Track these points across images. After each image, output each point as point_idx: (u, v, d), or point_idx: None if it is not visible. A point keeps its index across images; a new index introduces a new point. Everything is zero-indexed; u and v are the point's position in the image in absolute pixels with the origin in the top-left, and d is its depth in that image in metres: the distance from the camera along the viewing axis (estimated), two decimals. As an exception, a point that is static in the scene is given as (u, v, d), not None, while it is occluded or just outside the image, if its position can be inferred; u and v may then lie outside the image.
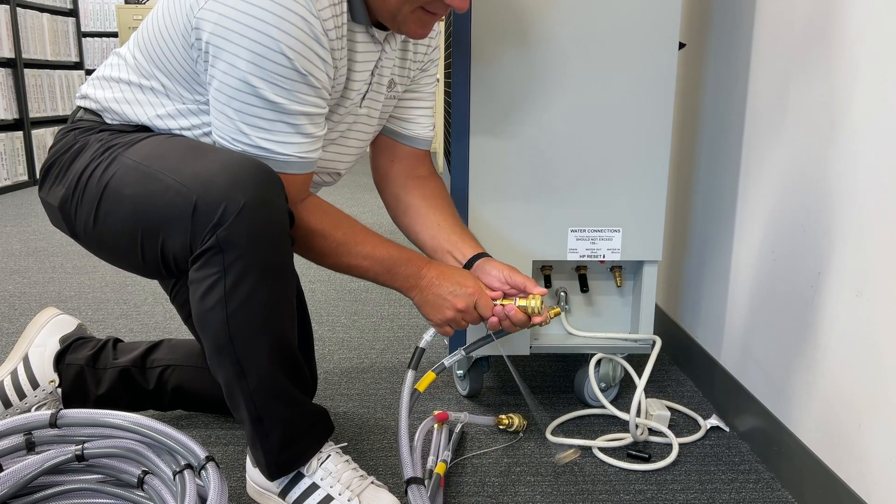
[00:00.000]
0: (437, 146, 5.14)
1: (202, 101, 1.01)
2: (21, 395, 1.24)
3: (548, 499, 1.14)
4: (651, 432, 1.33)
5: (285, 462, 1.04)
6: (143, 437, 0.98)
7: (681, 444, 1.30)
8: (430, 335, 1.13)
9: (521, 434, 1.33)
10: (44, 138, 4.61)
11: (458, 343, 1.36)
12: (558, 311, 1.17)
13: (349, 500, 1.03)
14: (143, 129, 1.07)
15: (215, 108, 0.96)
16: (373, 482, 1.07)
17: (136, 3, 5.23)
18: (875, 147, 0.97)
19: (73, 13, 5.06)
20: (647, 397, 1.41)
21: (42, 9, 4.64)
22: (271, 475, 1.05)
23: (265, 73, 0.92)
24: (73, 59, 5.04)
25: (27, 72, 4.41)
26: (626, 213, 1.30)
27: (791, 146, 1.18)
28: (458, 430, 1.31)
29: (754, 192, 1.31)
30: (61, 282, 2.35)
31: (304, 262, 1.29)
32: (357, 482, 1.06)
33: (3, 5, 4.17)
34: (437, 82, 1.27)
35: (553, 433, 1.33)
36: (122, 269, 1.11)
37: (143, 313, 2.02)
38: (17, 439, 0.98)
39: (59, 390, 1.26)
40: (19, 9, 4.33)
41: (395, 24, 1.03)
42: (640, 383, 1.26)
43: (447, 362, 1.13)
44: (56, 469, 0.98)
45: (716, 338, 1.48)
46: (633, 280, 1.38)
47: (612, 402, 1.37)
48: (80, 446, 0.97)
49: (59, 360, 1.26)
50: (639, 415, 1.27)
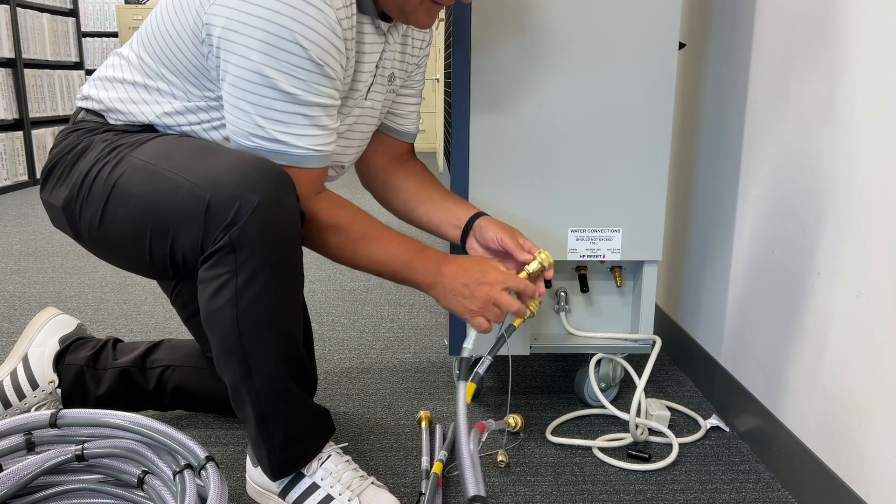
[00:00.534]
0: (438, 146, 5.14)
1: (211, 97, 1.01)
2: (20, 395, 1.24)
3: (548, 499, 1.14)
4: (651, 432, 1.33)
5: (288, 462, 1.04)
6: (143, 437, 0.98)
7: (681, 444, 1.30)
8: (470, 343, 1.10)
9: (521, 434, 1.33)
10: (44, 138, 4.61)
11: (457, 344, 1.36)
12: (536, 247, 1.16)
13: (349, 500, 1.03)
14: (149, 128, 1.06)
15: (230, 104, 0.96)
16: (373, 483, 1.07)
17: (136, 3, 5.23)
18: (875, 147, 0.97)
19: (73, 13, 5.06)
20: (647, 397, 1.41)
21: (42, 9, 4.64)
22: (274, 475, 1.05)
23: (281, 64, 0.91)
24: (73, 59, 5.04)
25: (27, 72, 4.41)
26: (626, 213, 1.30)
27: (791, 146, 1.18)
28: (452, 429, 1.31)
29: (754, 192, 1.31)
30: (61, 282, 2.35)
31: (304, 261, 1.28)
32: (357, 482, 1.06)
33: (3, 5, 4.17)
34: (437, 81, 1.27)
35: (553, 433, 1.33)
36: (122, 270, 1.10)
37: (143, 313, 2.02)
38: (17, 439, 0.98)
39: (59, 391, 1.26)
40: (19, 9, 4.33)
41: (403, 15, 1.02)
42: (640, 383, 1.26)
43: (480, 370, 1.11)
44: (56, 469, 0.98)
45: (716, 338, 1.48)
46: (633, 280, 1.38)
47: (612, 402, 1.37)
48: (80, 446, 0.97)
49: (59, 361, 1.26)
50: (639, 415, 1.27)
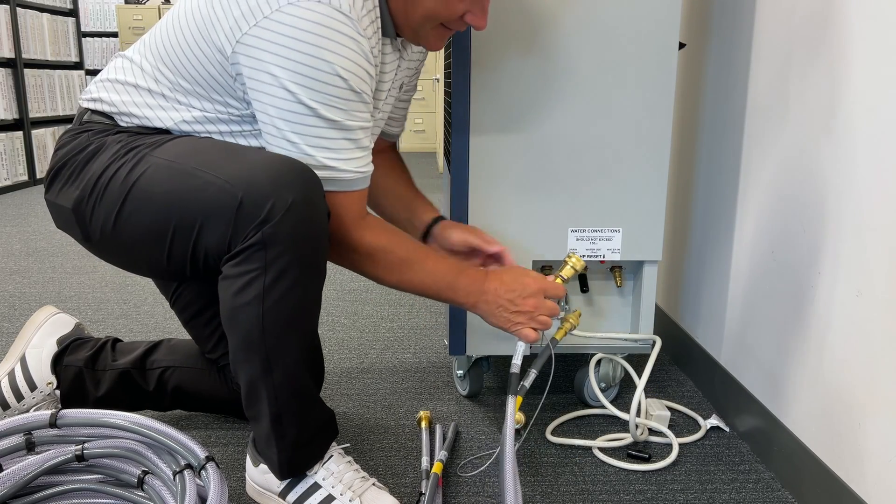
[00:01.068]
0: (438, 146, 5.13)
1: (235, 113, 1.02)
2: (19, 397, 1.24)
3: (548, 499, 1.14)
4: (651, 432, 1.33)
5: (297, 462, 1.04)
6: (143, 437, 0.98)
7: (681, 444, 1.30)
8: (519, 358, 1.11)
9: (522, 433, 1.33)
10: (44, 138, 4.61)
11: (457, 344, 1.36)
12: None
13: (351, 501, 1.03)
14: (164, 132, 1.06)
15: (274, 136, 0.96)
16: (374, 484, 1.07)
17: (136, 3, 5.23)
18: (875, 147, 0.97)
19: (73, 13, 5.06)
20: (647, 397, 1.41)
21: (42, 9, 4.64)
22: (283, 475, 1.05)
23: (322, 97, 0.93)
24: (73, 59, 5.04)
25: (27, 72, 4.41)
26: (626, 213, 1.30)
27: (791, 146, 1.18)
28: (452, 428, 1.32)
29: (754, 192, 1.31)
30: (61, 282, 2.35)
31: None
32: (359, 483, 1.06)
33: (3, 5, 4.17)
34: (437, 82, 1.28)
35: (553, 433, 1.33)
36: (123, 270, 1.10)
37: (143, 313, 2.02)
38: (17, 439, 0.98)
39: (58, 392, 1.26)
40: (19, 9, 4.33)
41: (416, 38, 1.06)
42: (640, 383, 1.26)
43: (527, 383, 1.11)
44: (56, 469, 0.98)
45: (716, 338, 1.48)
46: (633, 280, 1.38)
47: (612, 402, 1.37)
48: (80, 446, 0.97)
49: (58, 362, 1.26)
50: (639, 415, 1.27)
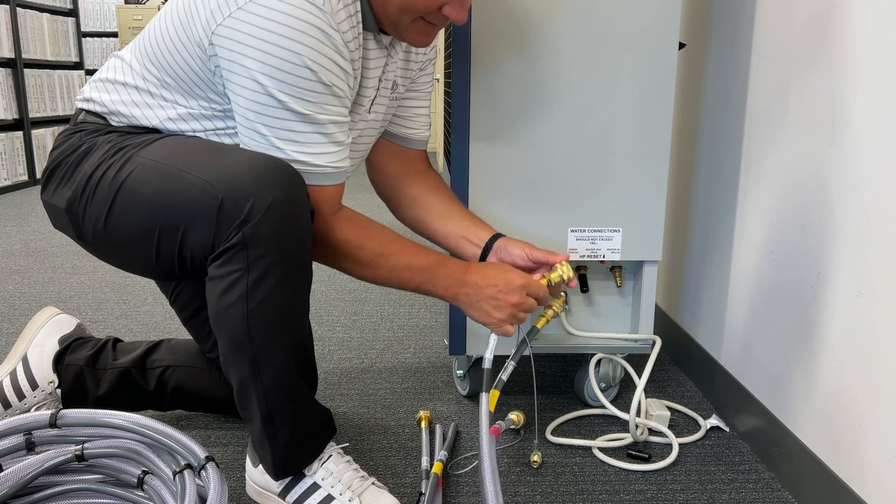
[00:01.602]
0: (437, 146, 5.13)
1: (217, 108, 1.02)
2: (20, 395, 1.24)
3: (548, 499, 1.14)
4: (651, 432, 1.33)
5: (292, 462, 1.04)
6: (143, 437, 0.98)
7: (681, 444, 1.30)
8: (491, 353, 1.11)
9: (521, 434, 1.33)
10: (44, 138, 4.61)
11: (457, 344, 1.36)
12: (568, 256, 1.16)
13: (350, 501, 1.03)
14: (153, 131, 1.06)
15: (245, 128, 0.96)
16: (373, 483, 1.07)
17: (136, 3, 5.23)
18: (875, 146, 0.97)
19: (73, 13, 5.06)
20: (647, 397, 1.41)
21: (42, 9, 4.64)
22: (277, 475, 1.05)
23: (291, 88, 0.92)
24: (73, 59, 5.04)
25: (27, 72, 4.41)
26: (626, 213, 1.30)
27: (791, 146, 1.18)
28: (452, 429, 1.32)
29: (754, 192, 1.31)
30: (61, 282, 2.35)
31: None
32: (358, 483, 1.06)
33: (3, 5, 4.17)
34: (437, 82, 1.27)
35: (553, 433, 1.33)
36: (122, 270, 1.10)
37: (143, 313, 2.02)
38: (17, 439, 0.98)
39: (59, 391, 1.26)
40: (19, 9, 4.33)
41: (398, 33, 1.04)
42: (640, 383, 1.26)
43: (504, 376, 1.11)
44: (56, 469, 0.98)
45: (716, 338, 1.48)
46: (633, 280, 1.38)
47: (612, 402, 1.37)
48: (80, 446, 0.97)
49: (59, 361, 1.26)
50: (639, 415, 1.27)
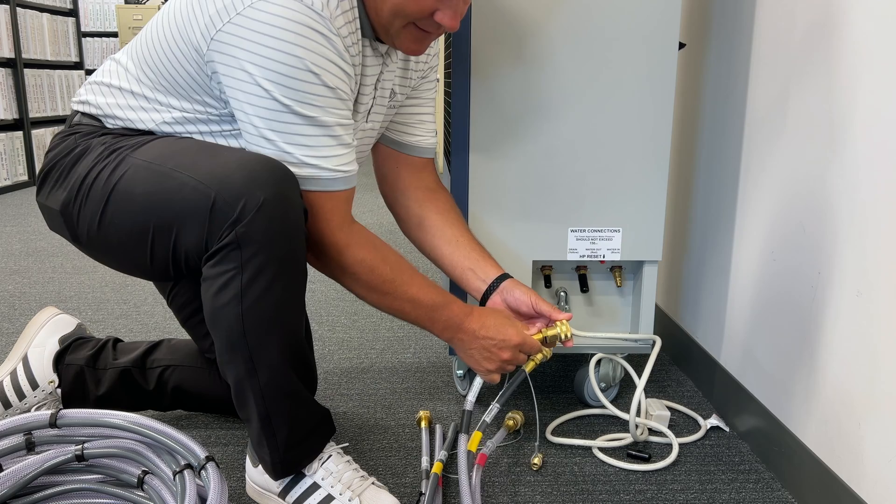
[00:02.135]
0: (438, 146, 5.12)
1: (213, 112, 1.02)
2: (20, 395, 1.24)
3: (548, 499, 1.14)
4: (651, 432, 1.33)
5: (291, 461, 1.04)
6: (143, 437, 0.98)
7: (681, 444, 1.30)
8: (473, 395, 1.12)
9: (521, 432, 1.33)
10: (44, 138, 4.61)
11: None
12: (570, 316, 1.18)
13: (350, 500, 1.03)
14: (148, 134, 1.06)
15: (253, 135, 0.96)
16: (373, 483, 1.07)
17: (136, 3, 5.23)
18: (875, 146, 0.97)
19: (73, 13, 5.06)
20: (647, 397, 1.41)
21: (42, 9, 4.64)
22: (276, 474, 1.05)
23: (296, 93, 0.92)
24: (73, 59, 5.04)
25: (27, 72, 4.41)
26: (626, 213, 1.30)
27: (791, 146, 1.18)
28: (452, 429, 1.32)
29: (754, 192, 1.31)
30: (61, 282, 2.35)
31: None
32: (358, 482, 1.06)
33: (3, 5, 4.17)
34: (437, 81, 1.27)
35: (553, 433, 1.33)
36: (120, 272, 1.10)
37: (143, 313, 2.02)
38: (17, 439, 0.98)
39: (59, 391, 1.26)
40: (19, 9, 4.33)
41: (390, 39, 1.03)
42: (640, 383, 1.26)
43: (488, 418, 1.14)
44: (56, 469, 0.98)
45: (716, 338, 1.48)
46: (633, 280, 1.38)
47: (612, 402, 1.37)
48: (80, 446, 0.97)
49: (59, 361, 1.26)
50: (639, 415, 1.27)
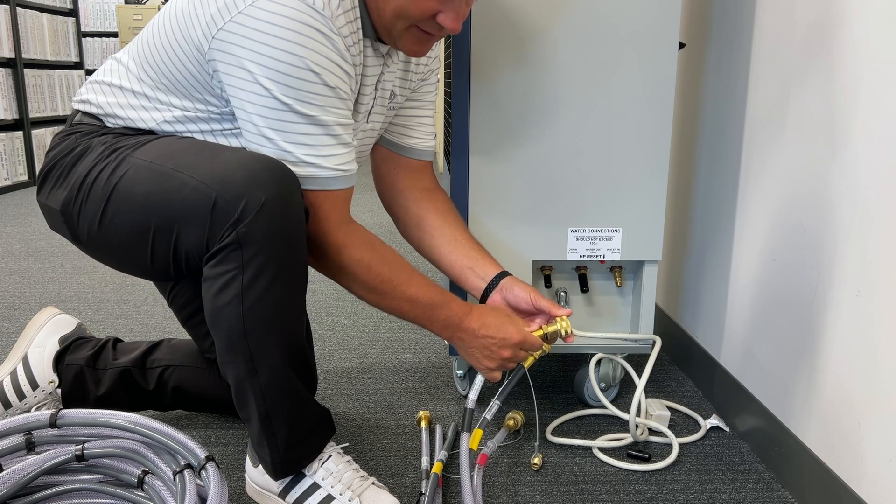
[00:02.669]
0: (438, 145, 5.13)
1: (215, 111, 1.02)
2: (20, 395, 1.24)
3: (548, 499, 1.14)
4: (651, 432, 1.33)
5: (291, 461, 1.04)
6: (143, 437, 0.98)
7: (681, 444, 1.30)
8: (474, 393, 1.12)
9: (521, 434, 1.33)
10: (44, 138, 4.61)
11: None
12: (570, 312, 1.18)
13: (350, 500, 1.03)
14: (149, 133, 1.06)
15: (252, 134, 0.96)
16: (373, 483, 1.07)
17: (136, 3, 5.23)
18: (875, 146, 0.97)
19: (73, 13, 5.06)
20: (647, 397, 1.41)
21: (42, 9, 4.64)
22: (276, 474, 1.05)
23: (296, 92, 0.92)
24: (73, 59, 5.04)
25: (27, 72, 4.41)
26: (626, 213, 1.30)
27: (791, 146, 1.18)
28: (452, 429, 1.32)
29: (754, 192, 1.31)
30: (61, 282, 2.35)
31: (304, 262, 1.28)
32: (358, 482, 1.06)
33: (3, 5, 4.17)
34: (437, 84, 1.27)
35: (553, 433, 1.33)
36: (120, 272, 1.10)
37: (143, 313, 2.02)
38: (17, 439, 0.98)
39: (59, 391, 1.26)
40: (19, 9, 4.33)
41: (392, 40, 1.03)
42: (640, 383, 1.26)
43: (489, 416, 1.14)
44: (56, 469, 0.98)
45: (716, 338, 1.48)
46: (633, 280, 1.38)
47: (612, 402, 1.37)
48: (80, 446, 0.97)
49: (59, 361, 1.26)
50: (639, 415, 1.27)
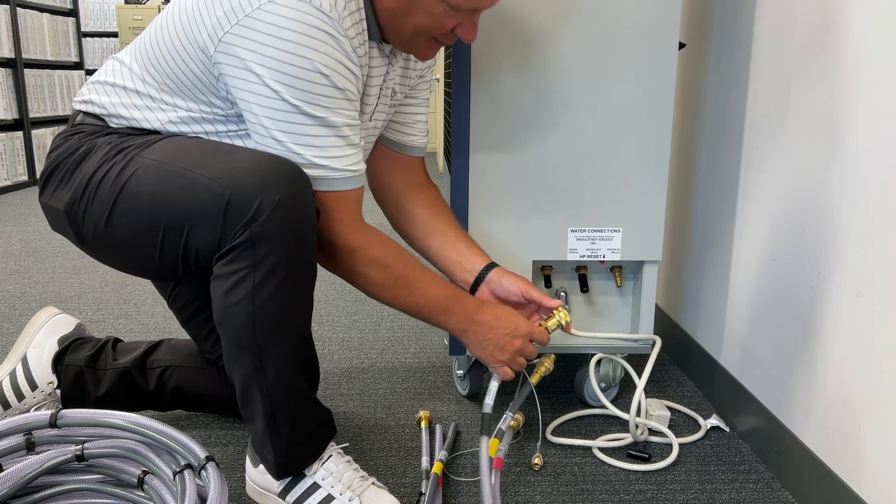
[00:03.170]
0: (437, 145, 5.14)
1: (220, 112, 1.02)
2: (20, 396, 1.24)
3: (548, 499, 1.14)
4: (651, 432, 1.33)
5: (293, 461, 1.04)
6: (143, 437, 0.98)
7: (681, 444, 1.30)
8: (491, 398, 1.12)
9: (521, 432, 1.33)
10: (44, 138, 4.61)
11: (457, 344, 1.36)
12: (560, 303, 1.19)
13: (350, 500, 1.03)
14: (153, 133, 1.06)
15: (261, 136, 0.96)
16: (374, 483, 1.07)
17: (136, 3, 5.23)
18: (875, 146, 0.97)
19: (73, 13, 5.06)
20: (647, 397, 1.41)
21: (42, 9, 4.64)
22: (278, 474, 1.05)
23: (305, 94, 0.93)
24: (73, 59, 5.04)
25: (27, 72, 4.42)
26: (626, 213, 1.30)
27: (791, 146, 1.18)
28: (452, 429, 1.32)
29: (754, 192, 1.31)
30: (61, 282, 2.35)
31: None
32: (358, 483, 1.06)
33: (3, 5, 4.17)
34: (437, 81, 1.27)
35: (553, 433, 1.33)
36: (122, 271, 1.10)
37: (143, 313, 2.02)
38: (17, 439, 0.98)
39: (58, 391, 1.26)
40: (19, 9, 4.33)
41: (407, 49, 1.05)
42: (640, 383, 1.26)
43: (503, 426, 1.14)
44: (56, 469, 0.98)
45: (716, 338, 1.48)
46: (633, 280, 1.38)
47: (612, 402, 1.37)
48: (80, 446, 0.97)
49: (58, 361, 1.26)
50: (639, 415, 1.27)
